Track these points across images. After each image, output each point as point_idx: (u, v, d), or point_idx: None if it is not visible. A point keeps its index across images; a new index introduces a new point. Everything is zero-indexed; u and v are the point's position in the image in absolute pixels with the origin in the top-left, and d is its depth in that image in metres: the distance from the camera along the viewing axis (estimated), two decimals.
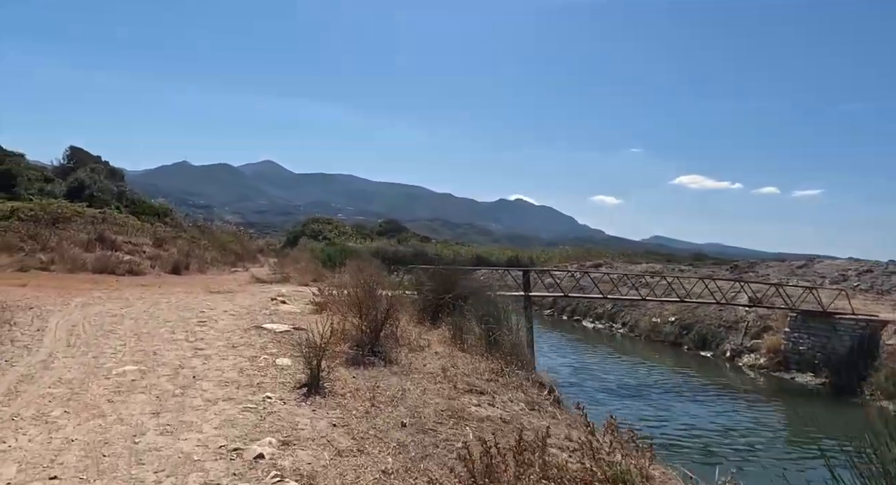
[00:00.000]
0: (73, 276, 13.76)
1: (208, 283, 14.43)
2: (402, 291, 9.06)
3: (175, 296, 10.59)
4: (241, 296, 11.09)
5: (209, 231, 33.79)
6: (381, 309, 5.88)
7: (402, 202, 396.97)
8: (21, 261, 13.87)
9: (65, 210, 18.84)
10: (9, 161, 36.63)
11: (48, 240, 15.73)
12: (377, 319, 5.80)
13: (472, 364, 5.38)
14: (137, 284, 13.28)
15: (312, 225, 64.65)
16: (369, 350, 5.60)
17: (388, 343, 5.90)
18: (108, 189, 33.66)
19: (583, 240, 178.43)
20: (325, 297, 8.70)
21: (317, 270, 15.65)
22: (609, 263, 44.01)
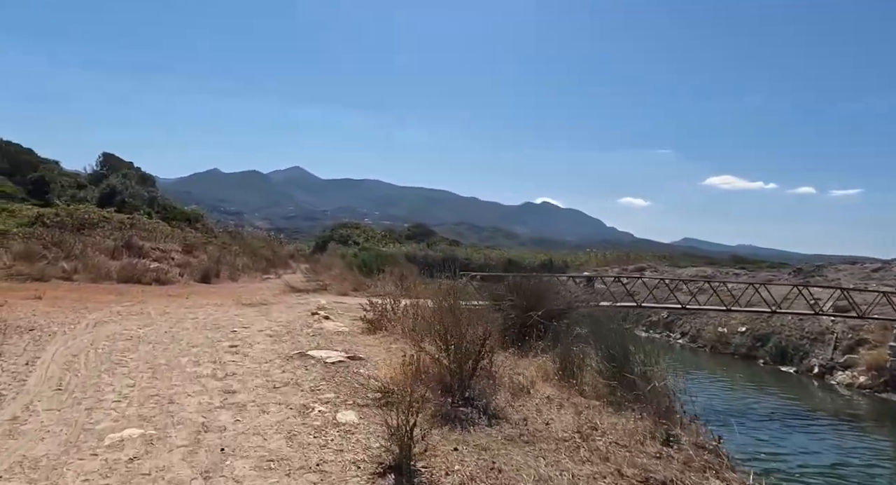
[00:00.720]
0: (96, 286, 12.65)
1: (240, 293, 13.15)
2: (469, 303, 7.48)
3: (203, 309, 9.26)
4: (276, 309, 9.71)
5: (240, 237, 32.93)
6: (474, 337, 4.30)
7: (428, 206, 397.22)
8: (42, 270, 12.83)
9: (92, 215, 17.93)
10: (43, 168, 36.63)
11: (72, 247, 14.74)
12: (470, 350, 4.23)
13: (613, 421, 3.75)
14: (164, 294, 12.07)
15: (341, 230, 64.18)
16: (460, 396, 4.04)
17: (481, 382, 4.32)
18: (139, 195, 33.17)
19: (611, 243, 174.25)
20: (378, 312, 7.19)
21: (356, 279, 14.21)
22: (652, 266, 41.69)
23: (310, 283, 17.84)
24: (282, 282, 18.09)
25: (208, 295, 12.41)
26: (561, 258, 52.53)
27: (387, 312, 7.20)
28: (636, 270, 38.82)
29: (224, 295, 12.56)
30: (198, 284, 14.88)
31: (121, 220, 18.89)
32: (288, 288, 14.23)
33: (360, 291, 12.97)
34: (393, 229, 75.48)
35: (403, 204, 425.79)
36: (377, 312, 7.24)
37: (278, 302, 11.01)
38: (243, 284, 16.45)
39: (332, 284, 14.64)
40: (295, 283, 16.83)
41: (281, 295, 12.79)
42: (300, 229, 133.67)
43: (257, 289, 14.76)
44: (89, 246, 15.30)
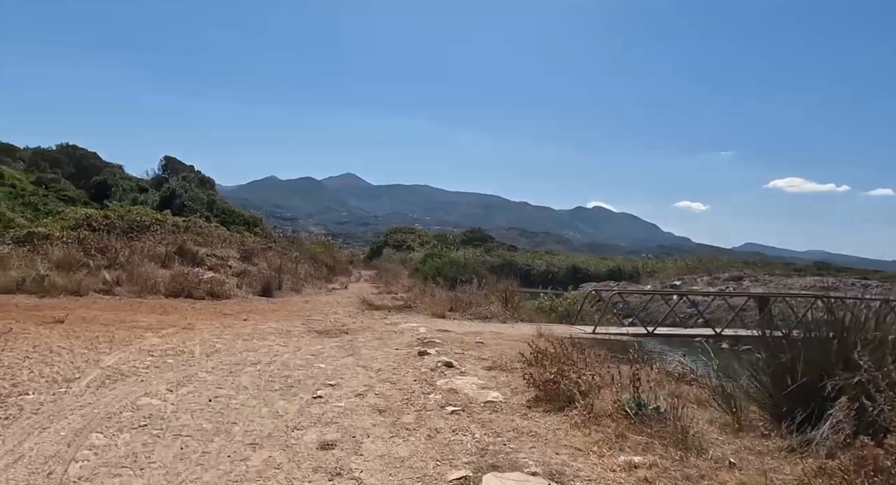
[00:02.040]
0: (139, 302, 10.42)
1: (308, 311, 10.61)
2: None
3: (267, 343, 6.64)
4: (364, 341, 6.99)
5: (298, 241, 30.88)
6: None
7: (479, 212, 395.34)
8: (79, 282, 10.76)
9: (144, 217, 16.06)
10: (106, 171, 36.30)
11: (118, 254, 12.72)
12: None
13: None
14: (217, 313, 9.66)
15: (395, 235, 62.73)
16: None
17: None
18: (198, 198, 31.97)
19: (668, 248, 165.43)
20: (555, 368, 4.25)
21: (452, 296, 11.38)
22: (752, 276, 36.86)
23: (383, 295, 15.24)
24: (351, 294, 15.57)
25: (271, 314, 9.92)
26: (629, 265, 47.98)
27: (568, 365, 4.25)
28: (731, 280, 34.28)
29: (290, 314, 10.04)
30: (258, 299, 12.51)
31: (175, 222, 16.99)
32: (365, 305, 11.60)
33: (458, 312, 10.14)
34: (447, 234, 73.18)
35: (454, 209, 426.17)
36: (553, 366, 4.31)
37: (361, 327, 8.31)
38: (308, 297, 14.00)
39: (415, 300, 11.88)
40: (368, 296, 14.26)
41: (360, 316, 10.12)
42: (353, 234, 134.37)
43: (326, 304, 12.22)
44: (137, 252, 13.27)
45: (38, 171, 33.80)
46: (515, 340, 7.27)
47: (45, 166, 35.35)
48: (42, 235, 13.09)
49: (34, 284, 10.41)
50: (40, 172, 33.38)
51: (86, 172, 36.34)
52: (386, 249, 48.94)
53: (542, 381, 4.16)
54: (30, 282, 10.45)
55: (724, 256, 55.65)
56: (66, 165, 36.74)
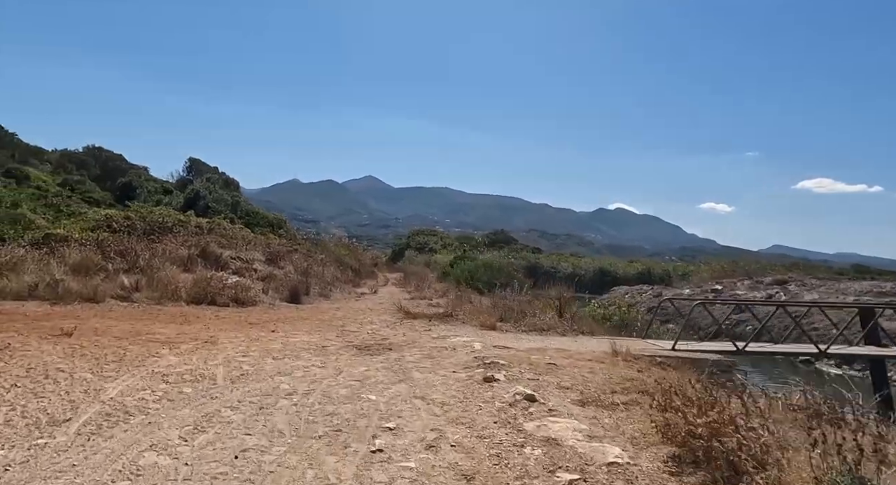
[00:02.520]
0: (158, 309, 9.55)
1: (342, 320, 9.60)
2: None
3: (300, 364, 5.62)
4: (412, 361, 5.92)
5: (323, 244, 30.09)
6: None
7: (499, 213, 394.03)
8: (96, 287, 9.94)
9: (166, 218, 15.32)
10: (130, 173, 36.11)
11: (138, 257, 11.92)
12: None
13: None
14: (242, 323, 8.72)
15: (417, 237, 62.08)
16: None
17: None
18: (222, 199, 31.44)
19: (692, 250, 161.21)
20: (707, 419, 3.10)
21: (500, 305, 10.25)
22: (797, 280, 34.84)
23: (416, 301, 14.20)
24: (382, 300, 14.57)
25: (301, 324, 8.94)
26: (659, 267, 45.98)
27: (717, 411, 3.10)
28: (775, 284, 32.38)
29: (321, 324, 9.04)
30: (285, 306, 11.57)
31: (198, 224, 16.23)
32: (401, 313, 10.55)
33: (509, 323, 9.01)
34: (469, 236, 72.07)
35: (474, 211, 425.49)
36: (695, 410, 3.16)
37: (405, 342, 7.24)
38: (338, 304, 13.02)
39: (455, 308, 10.78)
40: (403, 302, 13.22)
41: (399, 326, 9.07)
42: (374, 236, 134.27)
43: (359, 312, 11.21)
44: (158, 255, 12.47)
45: (64, 172, 33.75)
46: (589, 360, 6.13)
47: (71, 168, 35.32)
48: (60, 237, 12.38)
49: (47, 289, 9.63)
50: (67, 173, 33.30)
51: (111, 173, 36.22)
52: (408, 252, 48.01)
53: (684, 434, 3.02)
54: (43, 287, 9.67)
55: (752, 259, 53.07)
56: (92, 167, 36.69)
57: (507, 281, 18.97)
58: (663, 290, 31.07)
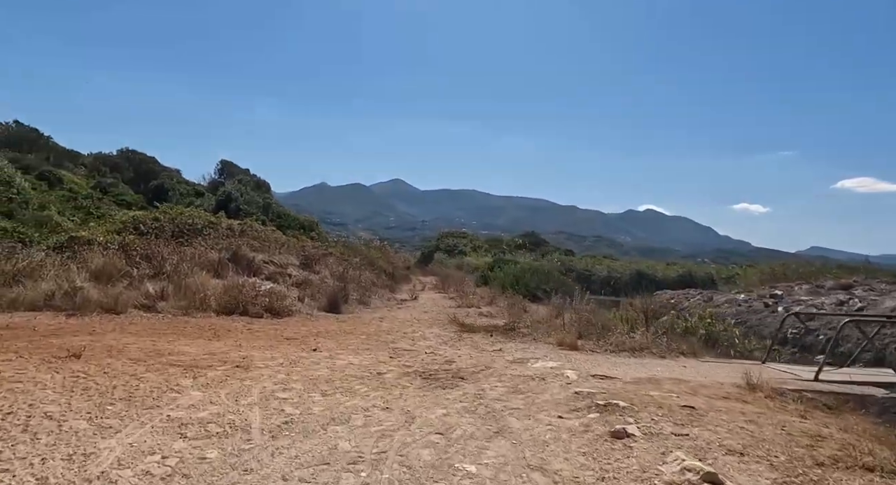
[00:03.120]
0: (185, 321, 8.45)
1: (389, 333, 8.33)
2: None
3: (356, 403, 4.33)
4: (497, 397, 4.58)
5: (354, 247, 29.02)
6: None
7: (526, 216, 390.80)
8: (117, 296, 8.92)
9: (196, 220, 14.38)
10: (163, 175, 35.87)
11: (164, 261, 10.93)
12: None
13: None
14: (277, 338, 7.54)
15: (446, 239, 61.05)
16: None
17: None
18: (253, 201, 30.77)
19: (726, 252, 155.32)
20: None
21: (580, 316, 8.80)
22: (864, 284, 32.18)
23: (463, 309, 12.88)
24: (427, 307, 13.29)
25: (345, 340, 7.69)
26: (701, 270, 43.42)
27: None
28: (839, 289, 29.91)
29: (368, 339, 7.79)
30: (323, 315, 10.38)
31: (230, 225, 15.26)
32: (455, 325, 9.24)
33: (591, 341, 7.57)
34: (499, 238, 70.51)
35: (502, 213, 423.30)
36: None
37: (476, 366, 5.90)
38: (380, 313, 11.79)
39: (516, 320, 9.40)
40: (449, 310, 11.92)
41: (458, 343, 7.73)
42: (400, 239, 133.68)
43: (406, 323, 9.94)
44: (186, 259, 11.47)
45: (98, 175, 33.67)
46: (726, 399, 4.69)
47: (105, 171, 35.29)
48: (84, 241, 11.50)
49: (65, 298, 8.64)
50: (101, 176, 33.19)
51: (144, 176, 36.09)
52: (437, 254, 46.83)
53: None
54: (60, 296, 8.69)
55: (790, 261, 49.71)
56: (125, 170, 36.65)
57: (557, 287, 17.51)
58: (714, 294, 28.94)
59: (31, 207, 14.64)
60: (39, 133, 31.51)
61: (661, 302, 25.38)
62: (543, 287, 17.12)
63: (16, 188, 14.54)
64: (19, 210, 13.83)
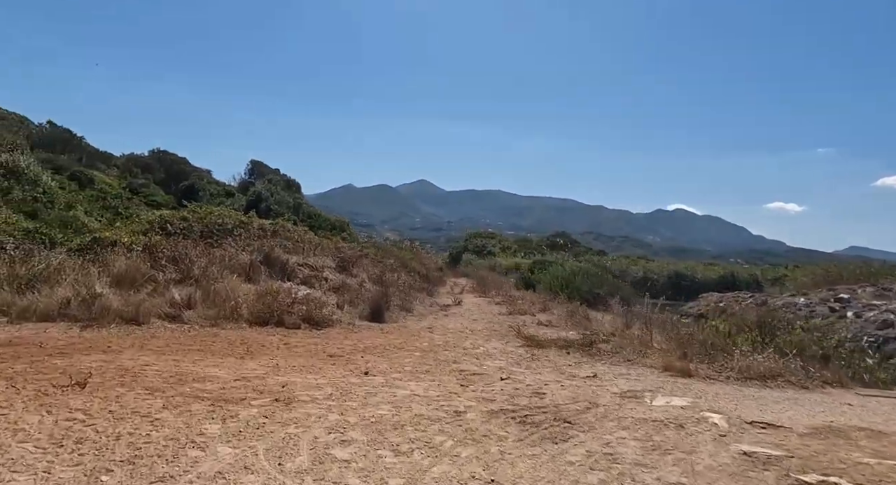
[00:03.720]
0: (214, 334, 7.37)
1: (446, 349, 7.08)
2: None
3: (448, 472, 3.10)
4: (640, 463, 3.29)
5: (385, 248, 27.88)
6: None
7: (552, 216, 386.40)
8: (139, 304, 7.90)
9: (226, 219, 13.43)
10: (193, 176, 35.51)
11: (192, 265, 9.93)
12: None
13: None
14: (320, 355, 6.38)
15: (475, 240, 59.89)
16: None
17: None
18: (284, 201, 30.02)
19: (760, 252, 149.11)
20: None
21: (680, 336, 7.38)
22: None
23: (515, 316, 11.58)
24: (474, 314, 12.02)
25: (398, 358, 6.48)
26: (745, 272, 40.84)
27: None
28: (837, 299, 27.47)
29: (424, 357, 6.56)
30: (366, 326, 9.20)
31: (261, 225, 14.28)
32: (521, 338, 7.93)
33: (700, 362, 6.16)
34: (528, 239, 68.88)
35: (528, 214, 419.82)
36: None
37: (577, 402, 4.59)
38: (426, 321, 10.56)
39: (594, 334, 8.04)
40: (503, 318, 10.63)
41: (534, 363, 6.42)
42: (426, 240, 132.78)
43: (460, 335, 8.68)
44: (216, 262, 10.46)
45: (130, 176, 33.47)
46: None
47: (136, 172, 35.11)
48: (108, 242, 10.59)
49: (82, 307, 7.66)
50: (132, 177, 32.97)
51: (175, 177, 35.79)
52: (466, 255, 45.70)
53: None
54: (77, 304, 7.71)
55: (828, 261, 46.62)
56: (156, 171, 36.43)
57: (614, 291, 16.04)
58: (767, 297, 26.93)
59: (56, 207, 13.95)
60: (72, 134, 31.43)
61: (709, 306, 23.41)
62: (597, 291, 15.68)
63: (42, 187, 13.89)
64: (44, 210, 13.12)
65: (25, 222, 11.55)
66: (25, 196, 13.03)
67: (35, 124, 30.70)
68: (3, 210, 11.46)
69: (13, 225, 10.97)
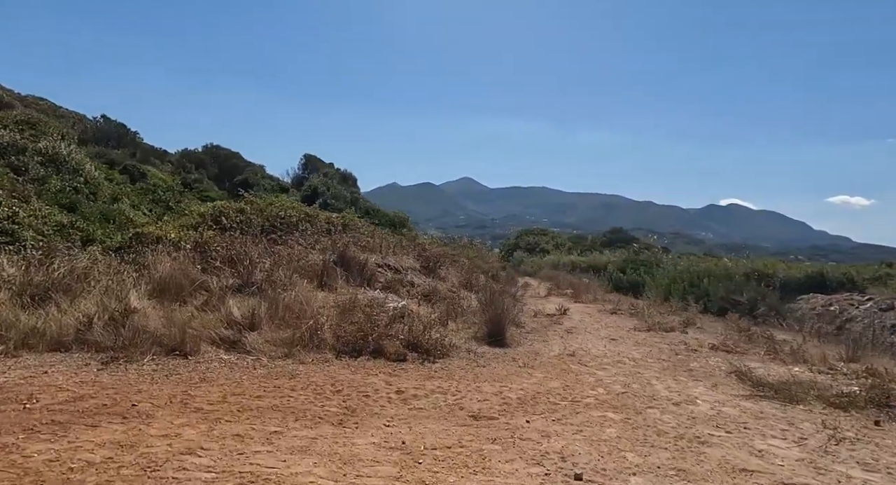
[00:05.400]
0: (290, 374, 4.95)
1: (659, 405, 4.41)
2: None
3: None
4: None
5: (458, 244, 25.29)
6: None
7: (598, 212, 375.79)
8: (185, 324, 5.62)
9: (290, 212, 11.21)
10: (247, 171, 34.16)
11: (255, 266, 7.65)
12: None
13: None
14: (456, 416, 3.86)
15: (526, 237, 56.84)
16: None
17: None
18: (341, 195, 28.02)
19: (823, 249, 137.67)
20: None
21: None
22: None
23: (653, 333, 8.79)
24: (599, 329, 9.29)
25: (584, 424, 3.89)
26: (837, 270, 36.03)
27: None
28: None
29: (625, 419, 3.95)
30: (490, 351, 6.63)
31: (329, 219, 12.01)
32: (755, 386, 5.17)
33: None
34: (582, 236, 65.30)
35: (573, 211, 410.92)
36: None
37: None
38: (554, 341, 7.90)
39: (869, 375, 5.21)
40: (643, 335, 7.86)
41: (838, 446, 3.67)
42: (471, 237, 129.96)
43: (632, 373, 6.00)
44: (283, 263, 8.17)
45: (184, 172, 32.44)
46: None
47: (190, 167, 34.10)
48: (151, 239, 8.49)
49: (108, 328, 5.43)
50: (186, 172, 31.91)
51: (229, 172, 34.55)
52: (517, 252, 43.21)
53: None
54: (102, 325, 5.50)
55: None
56: (210, 166, 35.33)
57: (755, 297, 12.93)
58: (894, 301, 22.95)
59: (100, 200, 12.18)
60: (126, 128, 30.49)
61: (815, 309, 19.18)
62: (735, 298, 12.61)
63: (83, 177, 12.20)
64: (85, 202, 11.32)
65: (60, 215, 9.70)
66: (64, 186, 11.32)
67: (90, 119, 29.96)
68: (34, 201, 9.67)
69: (44, 218, 9.10)
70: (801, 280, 28.83)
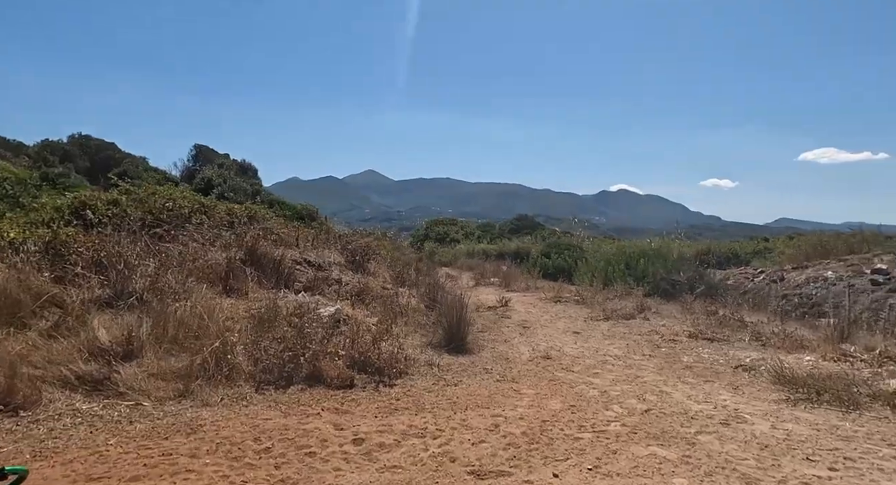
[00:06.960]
0: (189, 427, 3.31)
1: (713, 431, 3.42)
2: None
3: None
4: None
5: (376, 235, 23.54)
6: None
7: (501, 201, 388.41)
8: (17, 362, 3.74)
9: (180, 203, 9.09)
10: (126, 163, 29.91)
11: (133, 271, 5.73)
12: None
13: None
14: (454, 479, 2.56)
15: (436, 227, 56.43)
16: None
17: None
18: (240, 188, 25.17)
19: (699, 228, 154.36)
20: None
21: None
22: None
23: (621, 323, 8.05)
24: (575, 327, 8.37)
25: (615, 470, 2.78)
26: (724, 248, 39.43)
27: None
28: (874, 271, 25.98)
29: (667, 456, 2.90)
30: (455, 362, 5.33)
31: (230, 210, 10.01)
32: (789, 384, 4.34)
33: None
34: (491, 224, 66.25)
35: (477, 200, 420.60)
36: None
37: None
38: (517, 341, 6.81)
39: None
40: (608, 326, 7.01)
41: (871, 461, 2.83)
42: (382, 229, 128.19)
43: (632, 378, 5.02)
44: (173, 265, 6.28)
45: (45, 166, 27.59)
46: None
47: (54, 161, 29.14)
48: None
49: None
50: (48, 166, 27.15)
51: (103, 165, 30.02)
52: (427, 243, 42.67)
53: None
54: None
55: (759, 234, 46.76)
56: (78, 159, 30.47)
57: (695, 278, 12.79)
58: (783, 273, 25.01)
59: None
60: None
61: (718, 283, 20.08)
62: (674, 278, 12.38)
63: None
64: None
65: None
66: None
67: None
68: None
69: None
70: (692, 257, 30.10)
